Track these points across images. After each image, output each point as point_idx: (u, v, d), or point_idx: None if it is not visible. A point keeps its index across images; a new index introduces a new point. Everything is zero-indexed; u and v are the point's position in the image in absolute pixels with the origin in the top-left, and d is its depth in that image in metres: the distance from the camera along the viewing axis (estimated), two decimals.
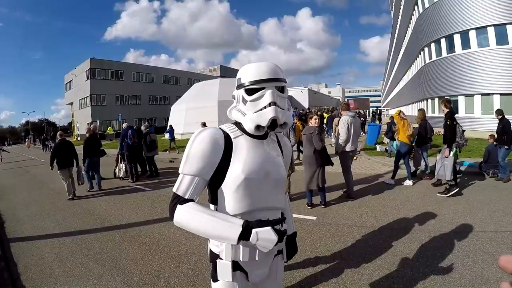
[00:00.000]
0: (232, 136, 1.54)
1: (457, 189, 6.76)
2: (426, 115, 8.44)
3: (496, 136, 8.48)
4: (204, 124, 14.74)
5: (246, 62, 1.44)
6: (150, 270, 4.04)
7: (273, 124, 1.48)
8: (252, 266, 1.55)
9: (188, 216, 1.39)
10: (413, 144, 8.37)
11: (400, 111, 8.43)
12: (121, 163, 10.91)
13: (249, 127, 1.49)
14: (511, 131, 8.02)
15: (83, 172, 9.22)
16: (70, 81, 52.57)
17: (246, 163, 1.47)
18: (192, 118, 24.05)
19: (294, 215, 5.57)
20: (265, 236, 1.33)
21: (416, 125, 8.61)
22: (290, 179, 6.75)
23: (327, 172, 6.52)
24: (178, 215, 1.40)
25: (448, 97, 7.48)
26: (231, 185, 1.46)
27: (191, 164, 1.44)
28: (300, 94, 51.12)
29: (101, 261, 4.42)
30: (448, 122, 6.81)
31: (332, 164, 6.29)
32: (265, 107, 1.47)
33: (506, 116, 6.02)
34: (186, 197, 1.43)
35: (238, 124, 1.60)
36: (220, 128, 1.57)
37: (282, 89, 1.55)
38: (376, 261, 4.00)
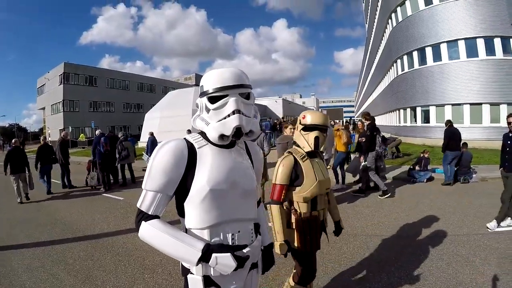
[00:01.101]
0: (196, 146, 1.49)
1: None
2: (399, 124, 8.80)
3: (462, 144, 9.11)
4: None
5: None
6: (124, 281, 3.94)
7: (238, 132, 1.45)
8: (226, 281, 1.50)
9: (152, 234, 1.39)
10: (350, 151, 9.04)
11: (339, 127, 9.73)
12: (93, 171, 10.63)
13: (213, 136, 1.45)
14: (449, 139, 8.88)
15: (40, 179, 10.13)
16: (43, 85, 50.93)
17: (211, 174, 1.43)
18: (166, 127, 23.74)
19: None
20: (224, 262, 1.36)
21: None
22: (264, 187, 6.75)
23: None
24: (142, 232, 1.40)
25: (367, 111, 8.32)
26: (196, 197, 1.42)
27: (153, 179, 1.41)
28: (274, 104, 51.28)
29: (73, 272, 4.28)
30: (368, 133, 7.72)
31: None
32: (228, 115, 1.42)
33: (475, 125, 6.29)
34: (150, 213, 1.41)
35: (203, 134, 1.55)
36: (184, 138, 1.52)
37: (247, 96, 1.51)
38: (351, 267, 4.05)
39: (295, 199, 2.58)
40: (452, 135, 8.88)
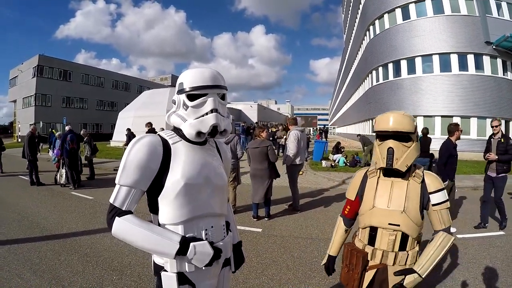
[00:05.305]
0: (170, 142, 1.52)
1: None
2: (372, 133, 9.13)
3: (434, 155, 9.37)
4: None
5: None
6: (91, 283, 3.85)
7: (214, 131, 1.50)
8: (200, 277, 1.51)
9: (126, 230, 1.38)
10: None
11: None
12: (62, 168, 10.25)
13: (190, 133, 1.48)
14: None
15: None
16: (16, 77, 48.69)
17: (185, 168, 1.47)
18: (139, 127, 23.36)
19: (239, 227, 5.64)
20: (201, 250, 1.41)
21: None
22: (236, 191, 6.79)
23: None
24: (116, 228, 1.38)
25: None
26: (170, 191, 1.44)
27: (127, 175, 1.41)
28: (249, 109, 51.50)
29: (39, 272, 4.14)
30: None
31: (279, 175, 6.44)
32: (206, 114, 1.48)
33: (446, 136, 6.55)
34: (123, 209, 1.41)
35: (176, 130, 1.59)
36: (158, 134, 1.55)
37: (223, 97, 1.58)
38: (322, 271, 4.03)
39: (359, 221, 2.09)
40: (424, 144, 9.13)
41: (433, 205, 1.85)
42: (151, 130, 12.48)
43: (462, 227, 5.99)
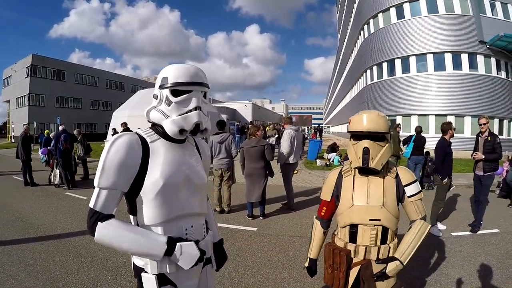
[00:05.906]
0: (148, 140, 1.47)
1: None
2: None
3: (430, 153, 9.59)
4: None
5: None
6: (86, 283, 3.83)
7: (196, 129, 1.48)
8: (181, 278, 1.49)
9: (110, 234, 1.33)
10: None
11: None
12: (56, 169, 10.17)
13: (173, 130, 1.44)
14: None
15: None
16: (9, 76, 48.17)
17: (164, 168, 1.43)
18: (133, 126, 23.29)
19: (234, 226, 5.72)
20: (188, 250, 1.39)
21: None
22: (230, 190, 6.79)
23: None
24: (99, 234, 1.32)
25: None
26: (149, 191, 1.39)
27: (107, 176, 1.34)
28: (244, 108, 51.37)
29: (33, 273, 4.11)
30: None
31: (273, 174, 6.45)
32: (190, 111, 1.45)
33: (440, 135, 6.54)
34: (105, 213, 1.34)
35: (154, 128, 1.55)
36: (136, 133, 1.51)
37: (204, 95, 1.55)
38: (317, 270, 4.07)
39: (337, 220, 2.09)
40: (418, 142, 9.31)
41: (409, 196, 1.94)
42: (126, 130, 12.41)
43: (457, 225, 6.04)
